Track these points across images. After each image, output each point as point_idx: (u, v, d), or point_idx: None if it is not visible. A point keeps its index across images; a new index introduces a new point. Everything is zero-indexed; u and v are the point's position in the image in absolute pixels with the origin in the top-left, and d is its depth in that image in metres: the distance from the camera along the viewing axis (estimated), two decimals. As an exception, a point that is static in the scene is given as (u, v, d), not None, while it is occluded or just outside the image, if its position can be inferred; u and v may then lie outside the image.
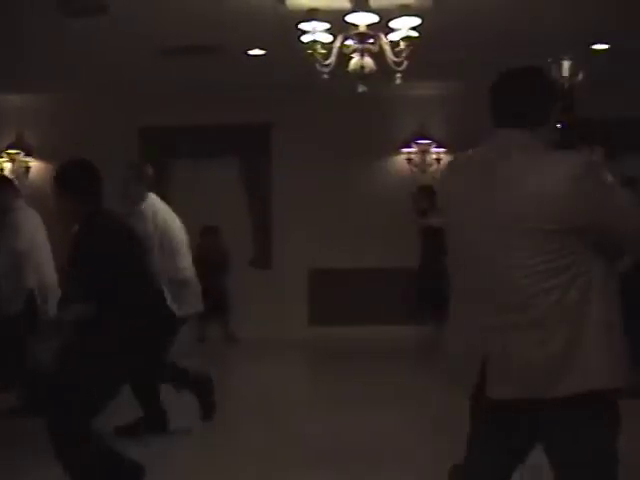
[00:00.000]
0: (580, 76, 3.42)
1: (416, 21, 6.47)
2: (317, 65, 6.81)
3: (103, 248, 4.39)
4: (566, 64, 3.13)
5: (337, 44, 6.82)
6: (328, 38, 6.78)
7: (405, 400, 7.64)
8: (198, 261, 6.73)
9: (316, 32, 6.67)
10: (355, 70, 6.76)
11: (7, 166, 11.23)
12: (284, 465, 5.57)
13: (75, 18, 7.15)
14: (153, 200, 6.28)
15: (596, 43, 8.57)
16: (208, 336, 10.80)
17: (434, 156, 11.25)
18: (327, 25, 6.65)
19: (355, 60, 6.75)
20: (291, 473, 5.45)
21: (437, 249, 9.80)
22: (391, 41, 6.74)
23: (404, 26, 6.50)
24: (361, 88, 6.93)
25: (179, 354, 6.50)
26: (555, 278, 2.73)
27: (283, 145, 11.13)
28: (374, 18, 6.53)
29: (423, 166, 11.24)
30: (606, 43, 8.57)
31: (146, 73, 9.58)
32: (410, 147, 11.24)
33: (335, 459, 5.69)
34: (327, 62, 6.82)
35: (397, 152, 11.31)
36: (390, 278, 10.69)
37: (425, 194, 10.11)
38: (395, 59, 6.73)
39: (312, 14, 6.63)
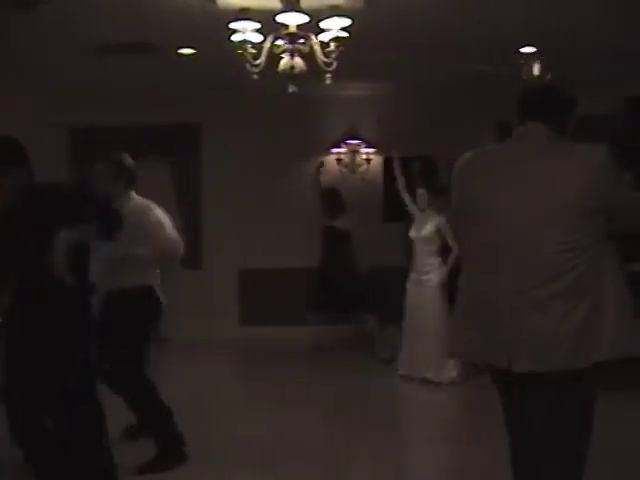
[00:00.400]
0: (549, 76, 3.75)
1: (346, 22, 6.49)
2: (247, 65, 6.79)
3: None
4: (537, 65, 3.47)
5: (267, 44, 6.82)
6: (258, 38, 6.77)
7: (336, 399, 7.68)
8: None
9: (246, 32, 6.65)
10: (285, 70, 6.75)
11: None
12: (218, 466, 5.59)
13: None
14: (136, 201, 5.75)
15: (525, 46, 8.69)
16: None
17: (364, 156, 11.32)
18: (257, 25, 6.64)
19: (285, 60, 6.75)
20: (226, 475, 5.47)
21: (342, 251, 10.02)
22: (321, 41, 6.76)
23: (334, 27, 6.51)
24: (291, 88, 6.93)
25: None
26: (580, 256, 3.07)
27: (213, 145, 11.11)
28: (304, 18, 6.53)
29: (353, 166, 11.30)
30: (533, 46, 8.69)
31: (75, 71, 9.43)
32: (340, 147, 11.28)
33: (269, 460, 5.72)
34: (257, 62, 6.80)
35: (327, 152, 11.35)
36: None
37: (330, 196, 10.21)
38: (325, 59, 6.74)
39: (243, 13, 6.61)
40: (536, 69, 3.53)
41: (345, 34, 6.56)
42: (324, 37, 6.68)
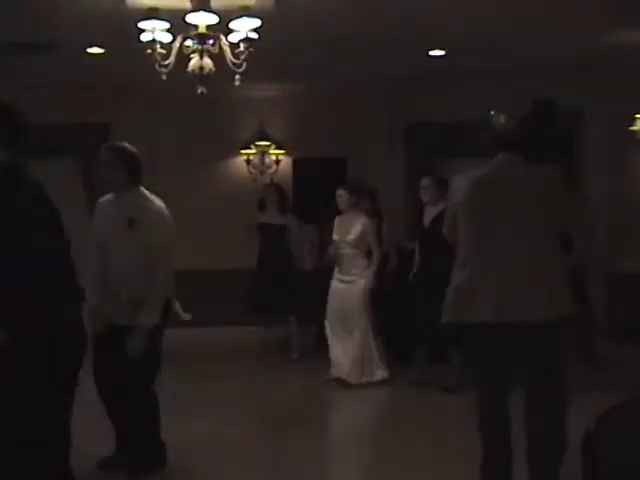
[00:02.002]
0: (513, 123, 4.67)
1: (256, 22, 6.52)
2: (156, 65, 6.78)
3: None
4: (503, 115, 4.47)
5: (177, 44, 6.82)
6: (168, 38, 6.76)
7: (245, 401, 7.71)
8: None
9: (156, 31, 6.64)
10: (194, 71, 6.76)
11: None
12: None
13: None
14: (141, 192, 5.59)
15: (433, 49, 8.84)
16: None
17: (273, 157, 11.34)
18: (167, 25, 6.64)
19: (194, 61, 6.75)
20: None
21: (278, 246, 9.92)
22: (231, 42, 6.78)
23: (244, 27, 6.54)
24: (200, 89, 6.94)
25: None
26: (547, 243, 4.44)
27: (123, 145, 11.00)
28: (214, 19, 6.54)
29: (262, 167, 11.31)
30: (442, 49, 8.84)
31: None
32: (249, 148, 11.29)
33: (177, 460, 5.66)
34: (166, 62, 6.79)
35: (237, 153, 11.36)
36: (232, 279, 10.68)
37: (271, 190, 10.15)
38: (234, 60, 6.76)
39: (152, 13, 6.60)
40: (502, 119, 4.51)
41: (255, 35, 6.60)
42: (233, 38, 6.71)
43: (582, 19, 7.56)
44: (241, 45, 6.64)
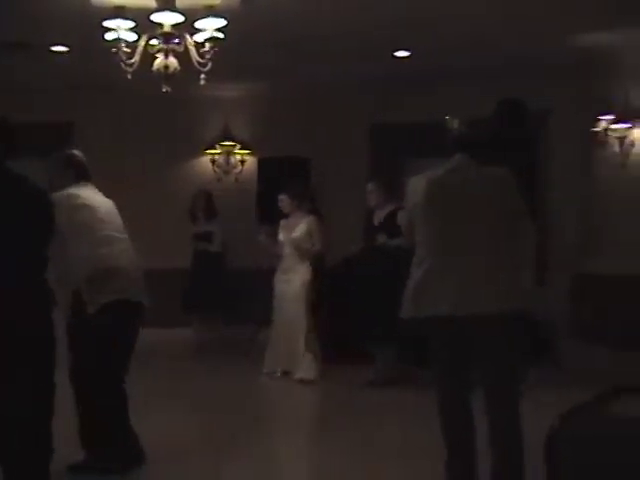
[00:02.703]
0: (465, 127, 4.85)
1: (221, 22, 6.53)
2: (122, 64, 6.75)
3: None
4: (456, 120, 4.61)
5: (142, 43, 6.80)
6: (133, 37, 6.74)
7: (200, 400, 7.71)
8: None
9: (121, 30, 6.62)
10: (159, 70, 6.75)
11: None
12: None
13: None
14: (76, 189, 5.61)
15: (398, 50, 8.87)
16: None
17: (238, 157, 11.32)
18: (132, 23, 6.61)
19: (159, 60, 6.74)
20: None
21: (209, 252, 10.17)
22: (196, 42, 6.77)
23: (209, 27, 6.54)
24: (165, 88, 6.92)
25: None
26: (500, 240, 4.53)
27: (87, 144, 10.90)
28: (179, 18, 6.54)
29: (227, 168, 11.30)
30: (407, 50, 8.87)
31: None
32: (214, 148, 11.27)
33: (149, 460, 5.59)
34: (131, 61, 6.77)
35: (202, 153, 11.33)
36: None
37: (202, 198, 10.31)
38: (200, 60, 6.75)
39: (118, 11, 6.57)
40: (455, 123, 4.66)
41: (220, 35, 6.59)
42: (199, 37, 6.70)
43: (572, 19, 7.63)
44: (206, 44, 6.63)
